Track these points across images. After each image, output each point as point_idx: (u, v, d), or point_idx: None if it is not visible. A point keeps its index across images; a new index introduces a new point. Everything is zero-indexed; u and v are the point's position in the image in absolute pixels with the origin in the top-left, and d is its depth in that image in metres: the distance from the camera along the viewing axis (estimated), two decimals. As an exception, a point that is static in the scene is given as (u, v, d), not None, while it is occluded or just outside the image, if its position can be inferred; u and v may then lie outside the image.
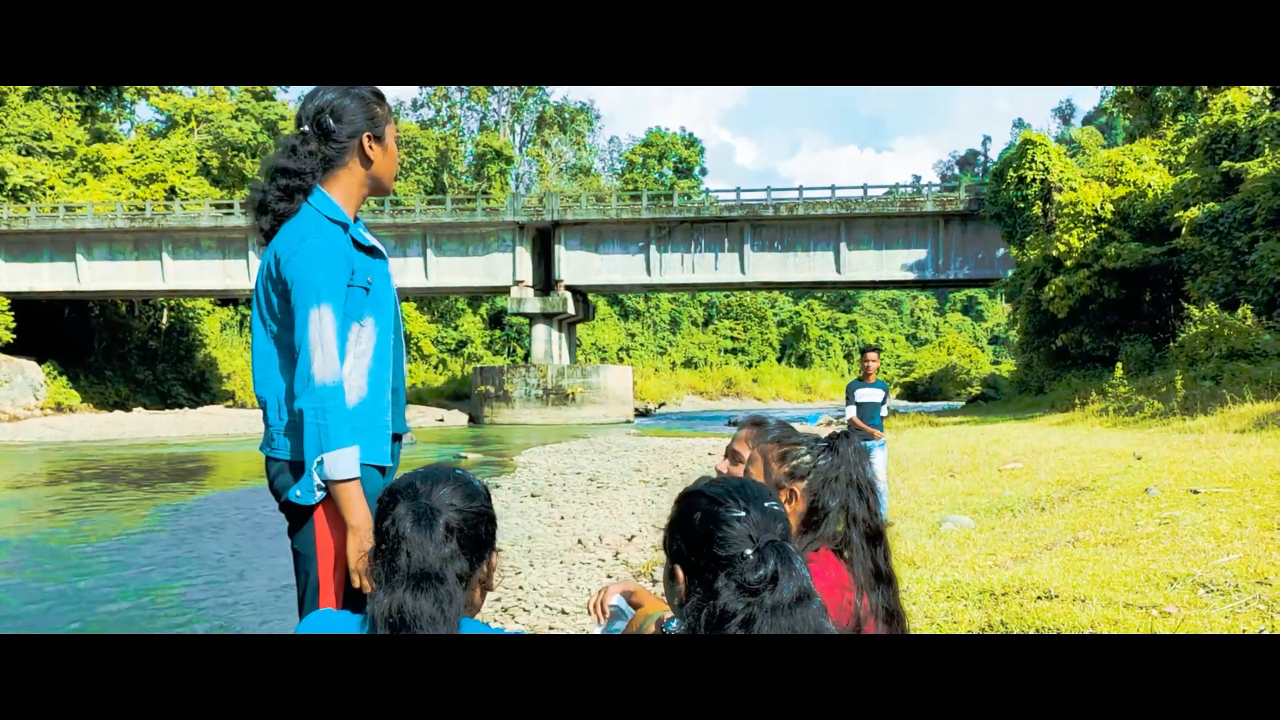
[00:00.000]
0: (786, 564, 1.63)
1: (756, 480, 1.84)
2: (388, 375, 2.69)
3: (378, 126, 2.67)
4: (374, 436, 2.61)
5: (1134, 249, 27.50)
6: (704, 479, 1.88)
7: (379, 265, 2.71)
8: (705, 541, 1.70)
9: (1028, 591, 5.45)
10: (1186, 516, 7.16)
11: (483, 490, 1.87)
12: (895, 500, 10.42)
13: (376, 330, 2.65)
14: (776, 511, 1.73)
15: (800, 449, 2.39)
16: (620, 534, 10.85)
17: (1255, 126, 25.85)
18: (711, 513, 1.71)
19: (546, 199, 49.08)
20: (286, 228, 2.58)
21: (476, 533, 1.81)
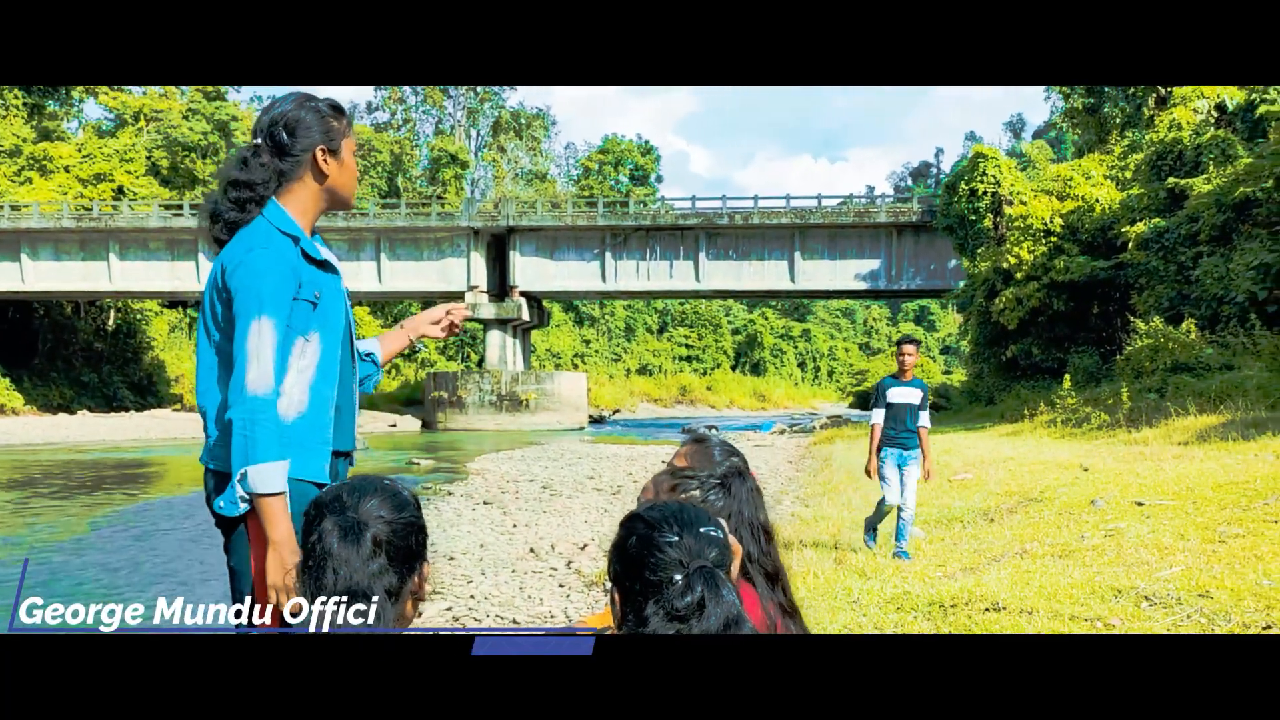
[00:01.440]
0: (714, 591, 1.61)
1: (683, 503, 1.82)
2: (331, 392, 2.65)
3: (333, 140, 2.63)
4: (312, 452, 2.58)
5: (1082, 262, 27.92)
6: (647, 501, 1.87)
7: (330, 280, 2.68)
8: (638, 566, 1.68)
9: (976, 603, 5.51)
10: (1131, 529, 7.28)
11: (412, 500, 1.84)
12: (847, 511, 10.48)
13: (323, 345, 2.61)
14: (712, 537, 1.71)
15: (692, 483, 2.32)
16: (573, 542, 10.81)
17: (1200, 144, 26.37)
18: (646, 537, 1.70)
19: (502, 204, 48.91)
20: (236, 239, 2.55)
21: (406, 545, 1.77)
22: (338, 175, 2.67)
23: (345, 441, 2.75)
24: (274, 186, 2.61)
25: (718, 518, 1.80)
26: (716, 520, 1.78)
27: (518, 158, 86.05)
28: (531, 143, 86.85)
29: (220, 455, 2.52)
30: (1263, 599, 5.12)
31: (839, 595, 6.07)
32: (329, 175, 2.65)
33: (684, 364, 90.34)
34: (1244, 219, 21.56)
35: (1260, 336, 17.95)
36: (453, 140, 77.78)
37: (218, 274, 2.54)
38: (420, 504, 1.88)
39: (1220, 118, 29.31)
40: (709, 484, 2.33)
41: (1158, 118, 30.87)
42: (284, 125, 2.59)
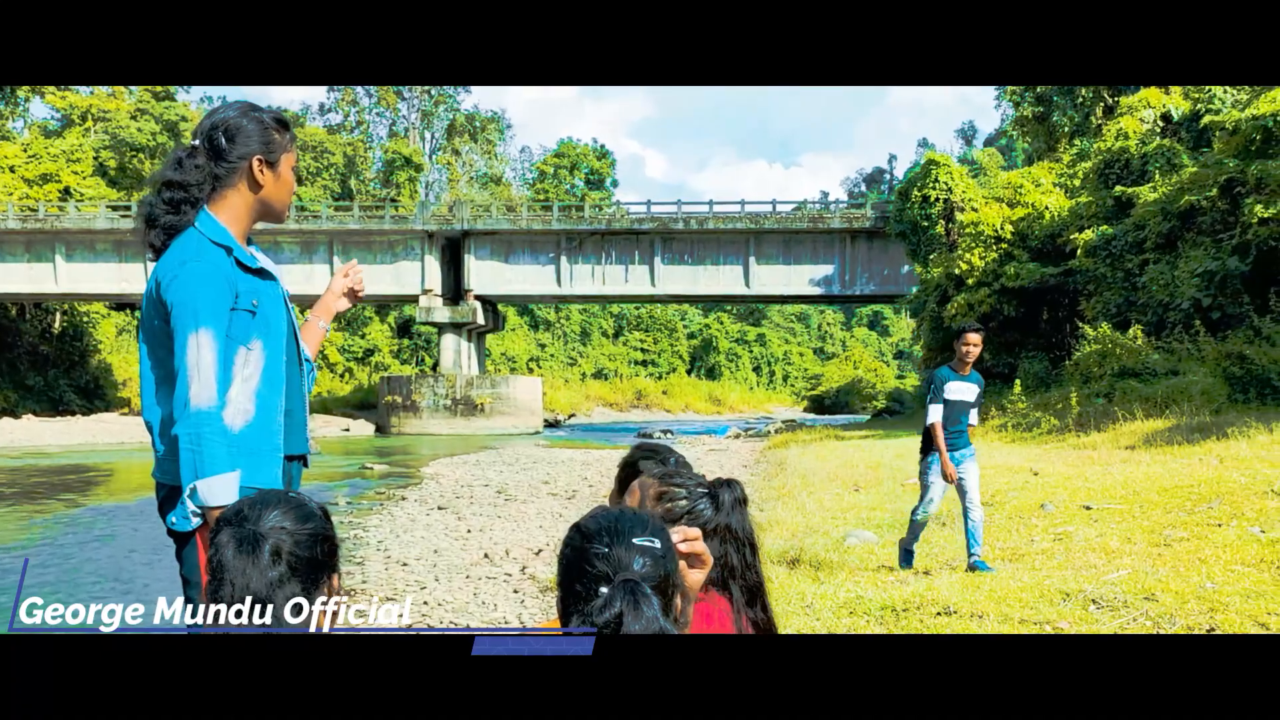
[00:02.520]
0: (635, 606, 1.58)
1: (640, 513, 1.80)
2: (279, 398, 2.65)
3: (272, 152, 2.62)
4: (263, 460, 2.58)
5: (1032, 269, 28.29)
6: (598, 508, 1.86)
7: (268, 287, 2.67)
8: (570, 576, 1.69)
9: (928, 607, 5.56)
10: (1079, 532, 7.38)
11: (318, 512, 1.81)
12: (801, 515, 10.53)
13: (266, 353, 2.61)
14: (645, 548, 1.68)
15: (679, 492, 2.27)
16: (528, 547, 10.77)
17: (1146, 153, 26.84)
18: (578, 548, 1.69)
19: (456, 207, 48.66)
20: (168, 252, 2.55)
21: (311, 555, 1.75)
22: (272, 188, 2.66)
23: (298, 445, 2.76)
24: (208, 190, 2.60)
25: (659, 525, 1.77)
26: (659, 529, 1.75)
27: (473, 161, 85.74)
28: (486, 146, 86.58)
29: (169, 469, 2.52)
30: (1206, 601, 5.21)
31: (793, 600, 6.10)
32: (264, 186, 2.64)
33: (639, 368, 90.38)
34: (1189, 227, 21.97)
35: (1204, 343, 18.30)
36: (407, 143, 77.28)
37: (153, 289, 2.54)
38: (329, 516, 1.86)
39: (1166, 127, 29.85)
40: (696, 492, 2.29)
41: (1105, 127, 31.39)
42: (224, 131, 2.59)
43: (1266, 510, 7.29)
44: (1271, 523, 6.90)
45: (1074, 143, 36.26)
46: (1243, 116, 21.21)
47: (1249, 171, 20.15)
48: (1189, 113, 29.18)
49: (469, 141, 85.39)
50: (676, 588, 1.73)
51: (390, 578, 9.16)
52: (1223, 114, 24.79)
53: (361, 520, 13.44)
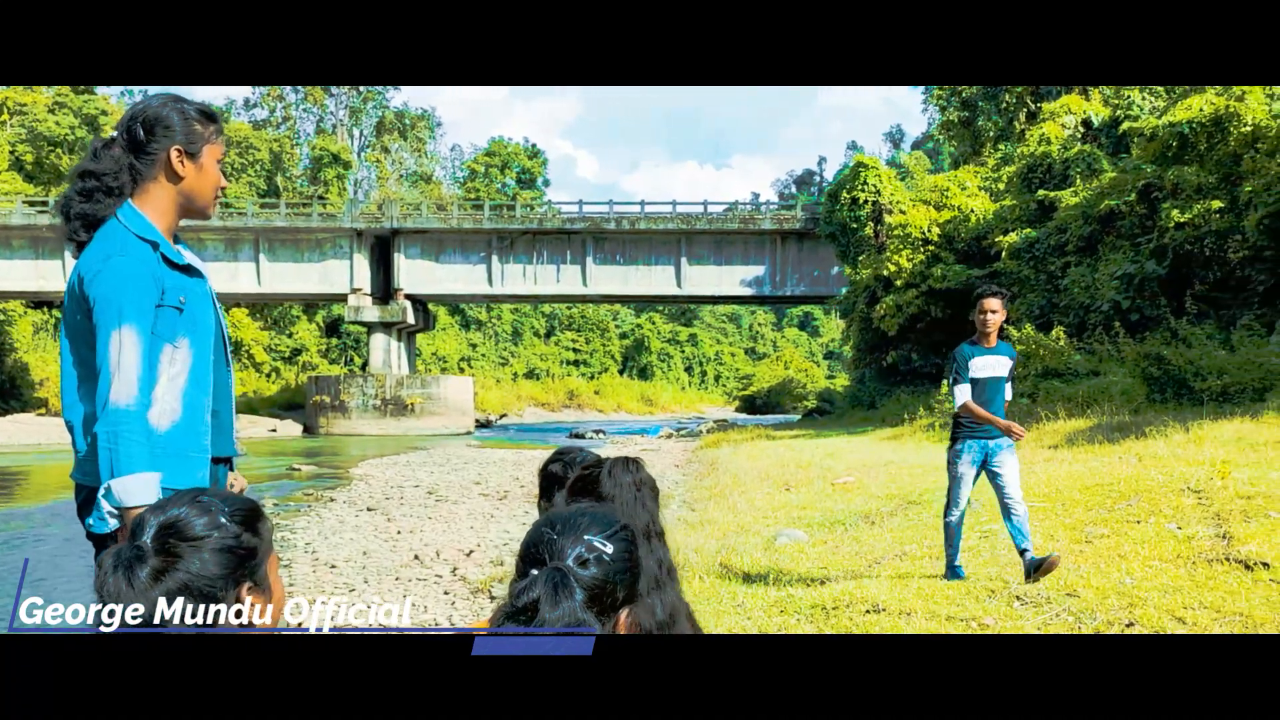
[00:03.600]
0: (553, 595, 1.57)
1: (613, 517, 1.78)
2: (206, 398, 2.60)
3: (193, 143, 2.56)
4: (189, 460, 2.53)
5: (958, 271, 28.80)
6: (590, 504, 1.84)
7: (195, 284, 2.62)
8: (521, 558, 1.69)
9: (857, 605, 5.62)
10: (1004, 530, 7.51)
11: (225, 520, 1.68)
12: (732, 515, 10.59)
13: (193, 351, 2.56)
14: (592, 545, 1.66)
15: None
16: (459, 549, 10.69)
17: (1068, 158, 27.47)
18: (535, 530, 1.70)
19: (386, 206, 48.16)
20: (91, 246, 2.48)
21: (209, 570, 1.64)
22: (194, 180, 2.60)
23: (224, 447, 2.71)
24: (126, 181, 2.54)
25: (626, 537, 1.72)
26: (625, 540, 1.71)
27: (402, 159, 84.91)
28: (416, 144, 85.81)
29: (89, 469, 2.46)
30: (1125, 597, 5.34)
31: (724, 600, 6.12)
32: (184, 178, 2.58)
33: (571, 368, 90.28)
34: (1109, 231, 22.52)
35: (1124, 344, 18.76)
36: (335, 140, 76.31)
37: (75, 284, 2.47)
38: (255, 518, 1.73)
39: (1086, 133, 30.57)
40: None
41: (1028, 132, 32.05)
42: (142, 122, 2.53)
43: (1182, 507, 7.50)
44: (1187, 519, 7.09)
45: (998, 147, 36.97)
46: (1160, 123, 21.78)
47: (1166, 177, 20.71)
48: (1108, 119, 29.93)
49: (398, 139, 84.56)
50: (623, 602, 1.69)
51: (318, 580, 9.03)
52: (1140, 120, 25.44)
53: (289, 522, 13.24)
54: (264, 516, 1.78)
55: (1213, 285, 19.93)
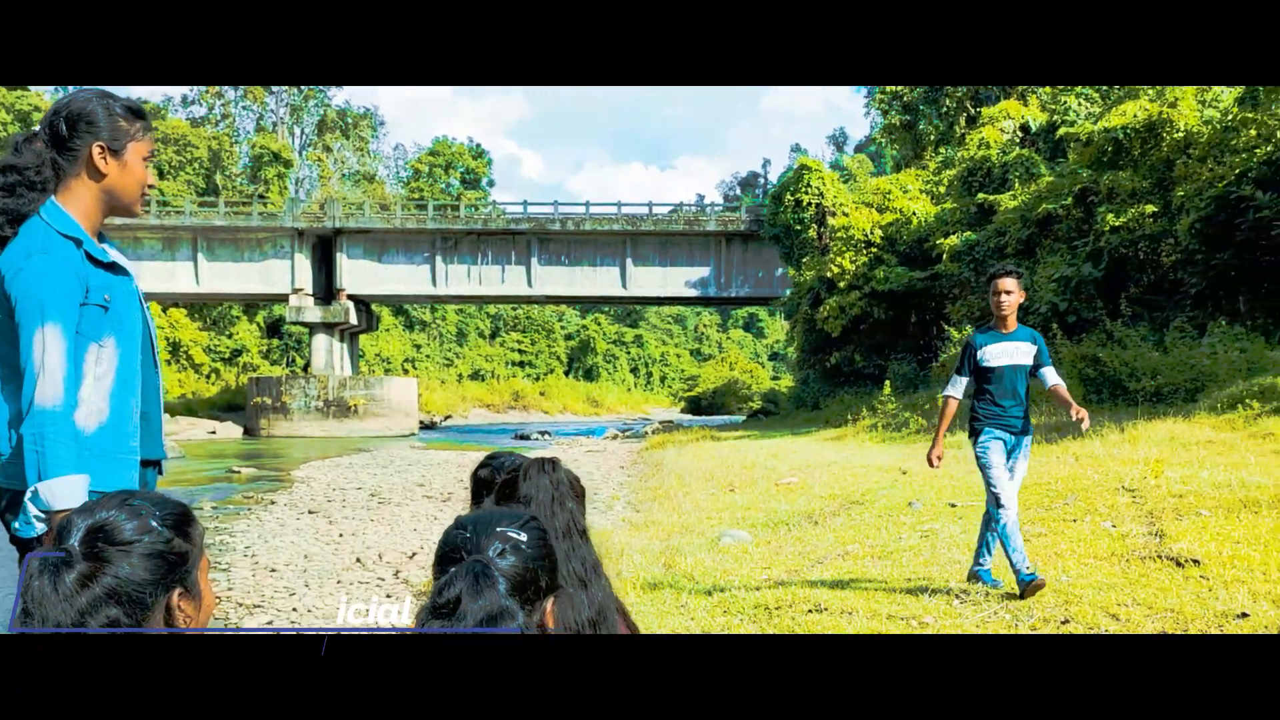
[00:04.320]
0: (474, 587, 1.58)
1: (521, 511, 1.81)
2: (134, 398, 2.56)
3: (117, 140, 2.52)
4: (117, 463, 2.48)
5: (900, 273, 29.13)
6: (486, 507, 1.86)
7: (121, 282, 2.57)
8: (437, 562, 1.70)
9: (799, 605, 5.65)
10: (945, 529, 7.61)
11: (156, 524, 1.64)
12: (677, 515, 10.61)
13: (119, 350, 2.51)
14: (508, 537, 1.69)
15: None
16: (401, 551, 10.60)
17: (1006, 162, 27.92)
18: (448, 534, 1.71)
19: (328, 205, 47.63)
20: (14, 243, 2.43)
21: (139, 575, 1.59)
22: (118, 177, 2.55)
23: (153, 450, 2.67)
24: (49, 176, 2.49)
25: (538, 527, 1.78)
26: (537, 529, 1.75)
27: (344, 158, 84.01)
28: (359, 143, 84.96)
29: (14, 472, 2.40)
30: (1062, 595, 5.43)
31: (668, 600, 6.13)
32: (107, 175, 2.53)
33: (517, 369, 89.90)
34: (1046, 234, 22.91)
35: (1061, 345, 19.07)
36: (275, 138, 75.26)
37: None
38: (186, 522, 1.69)
39: (1024, 138, 31.09)
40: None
41: (968, 136, 32.52)
42: (65, 117, 2.49)
43: (1117, 506, 7.64)
44: (1122, 518, 7.23)
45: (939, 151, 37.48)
46: (1095, 129, 22.20)
47: (1101, 181, 21.12)
48: (1045, 124, 30.45)
49: (340, 138, 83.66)
50: (545, 590, 1.71)
51: (257, 584, 8.90)
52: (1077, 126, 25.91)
53: (228, 525, 13.04)
54: (195, 520, 1.75)
55: (1147, 288, 20.35)
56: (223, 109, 77.59)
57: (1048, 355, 5.89)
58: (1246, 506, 6.88)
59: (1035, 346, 5.81)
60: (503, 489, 2.37)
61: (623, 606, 2.40)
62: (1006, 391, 5.68)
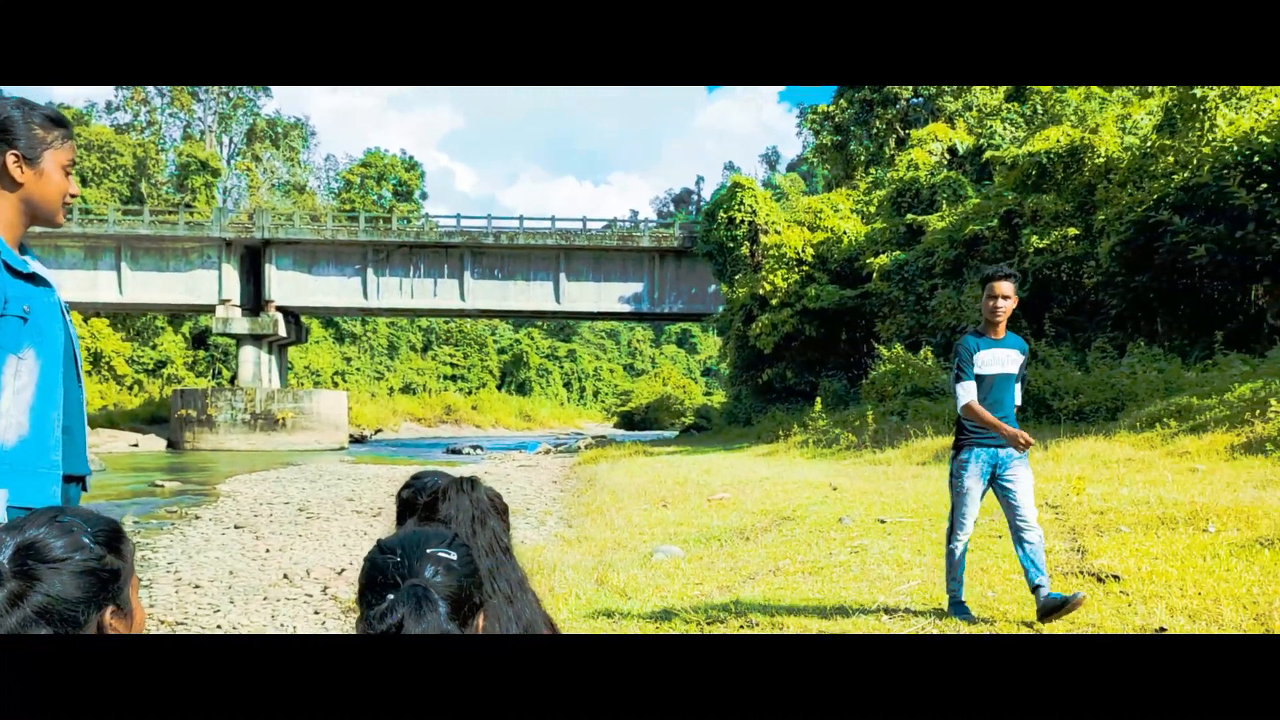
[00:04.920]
0: (416, 611, 1.59)
1: (445, 531, 1.82)
2: (55, 411, 2.50)
3: (33, 149, 2.47)
4: (38, 478, 2.42)
5: (831, 291, 29.48)
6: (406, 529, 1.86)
7: (42, 293, 2.51)
8: (365, 587, 1.69)
9: (731, 621, 5.68)
10: (874, 545, 7.71)
11: (88, 541, 1.61)
12: (609, 531, 10.60)
13: (40, 363, 2.46)
14: (440, 558, 1.70)
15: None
16: (330, 567, 10.45)
17: (934, 184, 28.46)
18: (374, 559, 1.70)
19: (257, 215, 46.94)
20: None
21: (71, 593, 1.57)
22: (34, 186, 2.50)
23: (76, 465, 2.60)
24: None
25: (465, 544, 1.79)
26: (464, 546, 1.77)
27: (274, 168, 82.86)
28: (289, 153, 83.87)
29: None
30: (988, 609, 5.53)
31: (600, 616, 6.13)
32: (23, 185, 2.48)
33: (449, 383, 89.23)
34: (973, 254, 23.37)
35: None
36: (203, 146, 74.02)
37: None
38: (118, 539, 1.67)
39: (952, 160, 31.72)
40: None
41: (898, 157, 33.11)
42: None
43: (1041, 522, 7.80)
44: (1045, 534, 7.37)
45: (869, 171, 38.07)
46: (1020, 152, 22.73)
47: (1025, 204, 21.61)
48: (972, 147, 31.09)
49: (270, 147, 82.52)
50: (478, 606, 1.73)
51: (180, 601, 8.71)
52: (1002, 149, 26.51)
53: (150, 540, 12.75)
54: (126, 537, 1.72)
55: (1069, 309, 20.85)
56: (148, 116, 76.13)
57: (1025, 370, 5.66)
58: (1164, 523, 7.08)
59: (1023, 357, 5.54)
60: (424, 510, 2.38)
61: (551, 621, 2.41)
62: (994, 403, 5.39)
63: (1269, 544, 6.01)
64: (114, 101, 76.22)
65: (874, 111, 39.82)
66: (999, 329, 5.43)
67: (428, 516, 2.34)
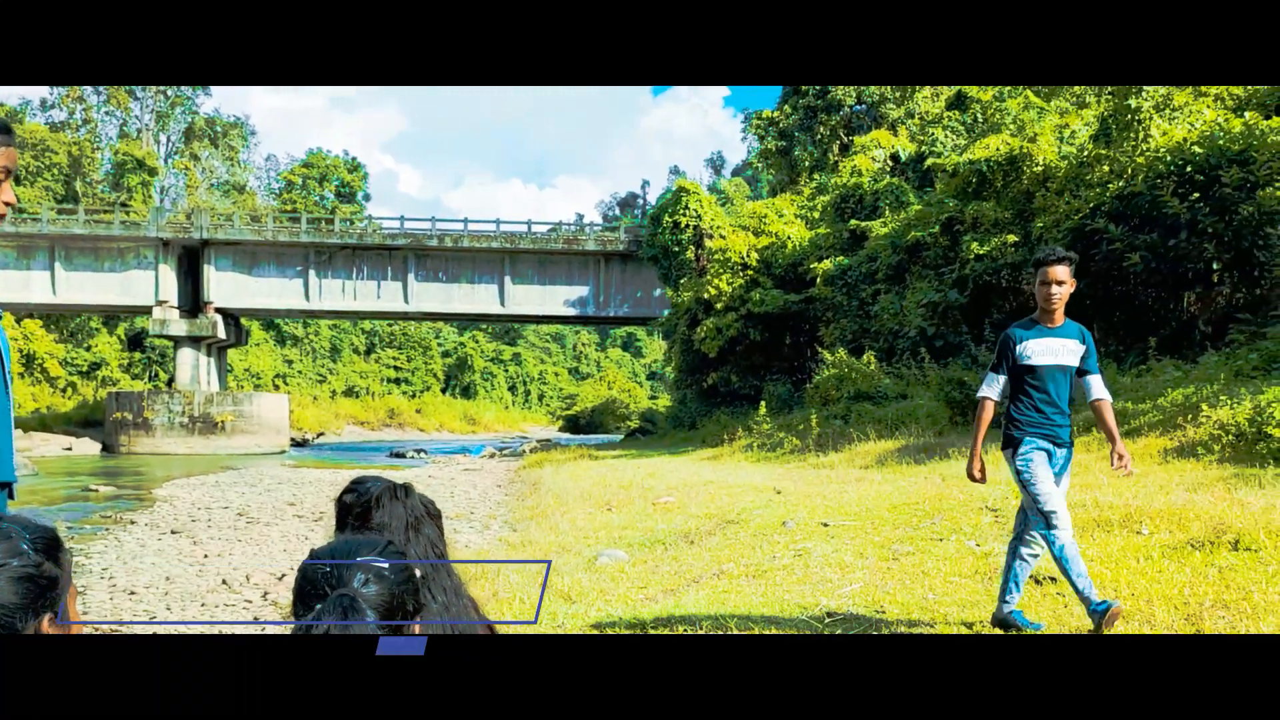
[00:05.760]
0: (344, 618, 1.59)
1: (378, 540, 1.81)
2: None
3: None
4: None
5: (775, 296, 29.66)
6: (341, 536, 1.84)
7: None
8: (297, 597, 1.68)
9: (676, 624, 5.70)
10: (817, 548, 7.76)
11: (27, 547, 1.60)
12: (554, 535, 10.58)
13: None
14: (370, 567, 1.69)
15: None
16: (270, 573, 10.32)
17: (878, 190, 28.75)
18: (305, 569, 1.69)
19: (195, 215, 46.20)
20: None
21: (8, 599, 1.55)
22: None
23: (2, 473, 2.53)
24: None
25: (398, 552, 1.78)
26: (397, 554, 1.75)
27: (213, 167, 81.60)
28: (229, 152, 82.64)
29: None
30: (928, 612, 5.60)
31: (544, 620, 6.11)
32: None
33: (392, 386, 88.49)
34: (915, 260, 23.65)
35: (929, 369, 19.70)
36: (139, 144, 72.67)
37: None
38: (54, 545, 1.64)
39: (895, 167, 32.09)
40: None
41: (841, 163, 33.41)
42: None
43: (980, 525, 7.91)
44: (985, 537, 7.49)
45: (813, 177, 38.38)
46: (961, 160, 23.04)
47: (966, 211, 21.92)
48: (914, 154, 31.48)
49: (209, 147, 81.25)
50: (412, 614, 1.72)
51: (115, 608, 8.54)
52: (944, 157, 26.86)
53: (84, 546, 12.49)
54: (64, 546, 1.70)
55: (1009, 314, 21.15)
56: (84, 114, 74.58)
57: (1096, 359, 5.02)
58: (1100, 525, 7.20)
59: (1085, 346, 4.95)
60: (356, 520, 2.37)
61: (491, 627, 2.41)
62: (1050, 396, 4.88)
63: (1200, 546, 6.15)
64: (49, 99, 74.56)
65: (818, 118, 40.18)
66: (1054, 316, 4.90)
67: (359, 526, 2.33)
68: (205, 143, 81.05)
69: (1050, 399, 4.89)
